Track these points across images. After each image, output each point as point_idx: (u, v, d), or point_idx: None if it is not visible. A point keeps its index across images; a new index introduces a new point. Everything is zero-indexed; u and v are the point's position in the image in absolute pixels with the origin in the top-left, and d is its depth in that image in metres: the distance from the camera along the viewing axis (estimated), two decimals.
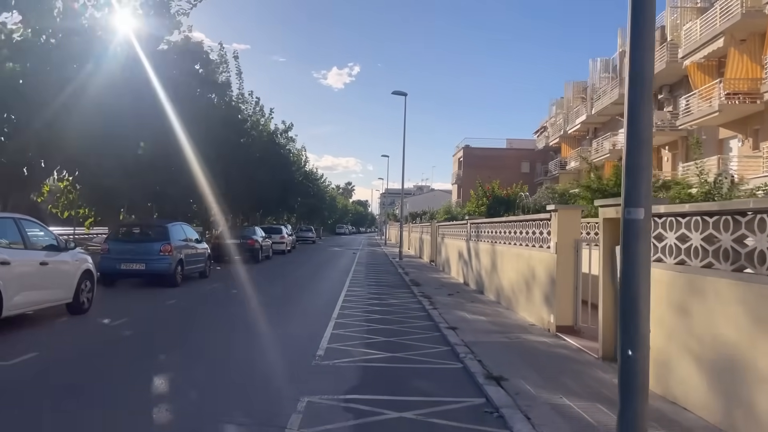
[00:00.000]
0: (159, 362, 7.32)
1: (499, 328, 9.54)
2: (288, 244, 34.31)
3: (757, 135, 24.06)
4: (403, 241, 33.76)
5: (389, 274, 20.96)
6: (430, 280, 17.87)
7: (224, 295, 14.38)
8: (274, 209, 41.91)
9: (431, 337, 8.97)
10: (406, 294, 14.66)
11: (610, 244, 7.09)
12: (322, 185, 64.76)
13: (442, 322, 10.12)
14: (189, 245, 16.71)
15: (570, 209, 9.07)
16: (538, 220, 10.05)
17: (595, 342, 7.98)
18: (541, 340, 8.51)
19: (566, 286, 8.85)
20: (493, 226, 13.63)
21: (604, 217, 7.10)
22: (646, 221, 3.77)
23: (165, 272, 15.07)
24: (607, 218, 7.07)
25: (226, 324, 10.13)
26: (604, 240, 7.14)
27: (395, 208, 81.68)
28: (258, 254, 25.31)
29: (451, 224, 21.22)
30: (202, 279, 17.53)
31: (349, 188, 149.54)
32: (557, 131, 49.64)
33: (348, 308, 11.85)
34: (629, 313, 3.77)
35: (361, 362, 7.24)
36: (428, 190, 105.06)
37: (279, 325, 9.95)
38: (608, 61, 40.43)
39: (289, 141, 38.43)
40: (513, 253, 11.58)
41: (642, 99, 3.77)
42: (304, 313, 11.65)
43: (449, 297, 13.69)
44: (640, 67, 3.82)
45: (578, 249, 8.80)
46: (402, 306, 12.41)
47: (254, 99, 30.27)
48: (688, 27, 27.02)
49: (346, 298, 13.39)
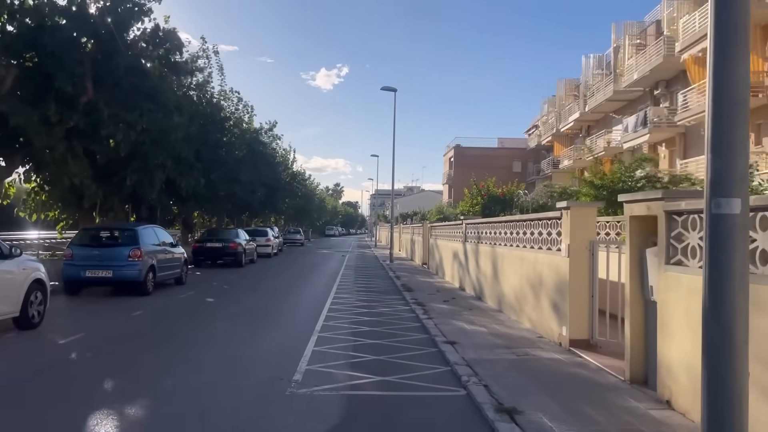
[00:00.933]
0: (99, 392, 6.10)
1: (503, 342, 8.42)
2: (274, 247, 33.06)
3: (759, 130, 23.19)
4: (394, 243, 32.64)
5: (379, 278, 19.81)
6: (423, 285, 16.73)
7: (198, 304, 13.15)
8: (261, 211, 40.60)
9: (427, 355, 7.83)
10: (397, 301, 13.52)
11: (639, 245, 6.00)
12: (310, 186, 63.45)
13: (439, 334, 8.99)
14: (162, 250, 15.47)
15: (584, 206, 7.97)
16: (545, 220, 8.95)
17: (618, 360, 6.89)
18: (554, 357, 7.40)
19: (580, 295, 7.76)
20: (493, 227, 12.52)
21: (632, 214, 6.00)
22: (743, 217, 2.66)
23: (134, 279, 13.82)
24: (636, 216, 5.97)
25: (193, 340, 8.94)
26: (631, 241, 6.04)
27: (385, 209, 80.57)
28: (241, 258, 24.05)
29: (445, 225, 20.11)
30: (178, 286, 16.29)
31: (339, 189, 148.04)
32: (549, 129, 48.87)
33: (333, 319, 10.68)
34: (718, 350, 2.64)
35: (346, 389, 6.08)
36: (419, 191, 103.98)
37: (254, 341, 8.78)
38: (602, 58, 39.67)
39: (274, 139, 37.14)
40: (516, 256, 10.48)
41: (734, 42, 2.66)
42: (284, 325, 10.46)
43: (445, 304, 12.56)
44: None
45: (594, 252, 7.71)
46: (393, 315, 11.26)
47: (237, 95, 28.92)
48: (686, 20, 26.18)
49: (332, 307, 12.22)
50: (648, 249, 5.82)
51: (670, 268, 5.25)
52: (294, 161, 48.54)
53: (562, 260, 8.05)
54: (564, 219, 7.97)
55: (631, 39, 33.59)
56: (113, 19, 14.48)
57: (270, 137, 36.31)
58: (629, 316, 6.05)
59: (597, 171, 14.39)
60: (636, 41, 33.25)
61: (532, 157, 57.17)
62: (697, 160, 25.75)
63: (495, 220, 12.47)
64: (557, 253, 8.32)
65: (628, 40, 33.61)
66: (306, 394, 5.88)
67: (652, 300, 5.76)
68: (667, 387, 5.29)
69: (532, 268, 9.45)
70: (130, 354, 7.82)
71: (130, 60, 15.09)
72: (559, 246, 8.28)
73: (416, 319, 10.77)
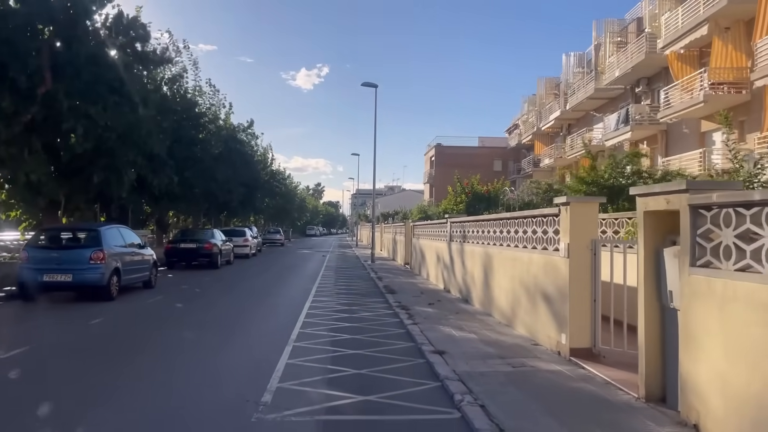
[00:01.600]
0: (26, 423, 5.22)
1: (496, 351, 7.69)
2: (252, 247, 32.03)
3: (743, 127, 22.92)
4: (376, 243, 31.85)
5: (361, 279, 19.00)
6: (407, 287, 15.97)
7: (166, 310, 12.21)
8: (239, 210, 39.51)
9: (414, 367, 7.06)
10: (380, 304, 12.74)
11: (654, 245, 5.30)
12: (290, 185, 62.36)
13: (426, 342, 8.23)
14: (128, 251, 14.47)
15: (586, 202, 7.25)
16: (540, 217, 8.24)
17: (626, 372, 6.22)
18: (555, 369, 6.68)
19: (582, 299, 7.06)
20: (480, 225, 11.80)
21: (646, 209, 5.30)
22: None
23: (96, 284, 12.83)
24: (651, 211, 5.28)
25: (153, 352, 8.05)
26: (646, 240, 5.34)
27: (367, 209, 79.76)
28: (217, 259, 23.02)
29: (428, 224, 19.37)
30: (147, 290, 15.30)
31: (320, 189, 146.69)
32: (530, 128, 48.67)
33: (311, 325, 9.86)
34: None
35: (322, 413, 5.28)
36: (400, 190, 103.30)
37: (221, 354, 7.91)
38: (582, 56, 39.48)
39: (252, 137, 36.09)
40: (507, 257, 9.76)
41: None
42: (257, 333, 9.60)
43: (430, 308, 11.82)
44: None
45: (596, 252, 7.01)
46: (376, 321, 10.47)
47: (213, 89, 27.86)
48: (667, 17, 25.90)
49: (310, 312, 11.39)
50: (666, 249, 5.13)
51: (696, 271, 4.56)
52: (273, 160, 47.54)
53: (560, 261, 7.35)
54: (563, 216, 7.26)
55: (612, 37, 33.34)
56: (73, 3, 13.47)
57: (248, 135, 35.30)
58: (643, 324, 5.36)
59: (591, 166, 13.75)
60: (617, 39, 33.02)
61: (512, 156, 57.02)
62: (680, 157, 25.45)
63: (483, 218, 11.75)
64: (554, 254, 7.61)
65: (609, 38, 33.36)
66: (275, 420, 5.06)
67: (671, 307, 5.07)
68: (693, 409, 4.59)
69: (526, 269, 8.74)
70: (76, 371, 6.89)
71: (92, 48, 14.10)
72: (556, 245, 7.58)
73: (400, 324, 10.01)
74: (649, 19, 28.48)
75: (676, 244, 5.11)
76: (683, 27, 23.82)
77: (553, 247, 7.75)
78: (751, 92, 21.55)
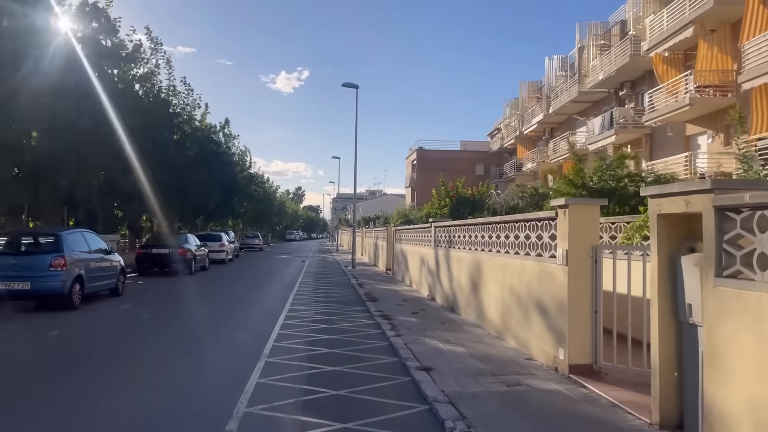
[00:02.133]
0: None
1: (488, 367, 7.05)
2: (229, 252, 31.06)
3: (728, 130, 22.75)
4: (357, 248, 31.13)
5: (341, 286, 18.28)
6: (389, 294, 15.30)
7: (131, 320, 11.38)
8: (216, 214, 38.50)
9: (399, 387, 6.39)
10: (361, 313, 12.05)
11: (669, 252, 4.72)
12: (269, 189, 61.34)
13: (410, 357, 7.58)
14: (93, 257, 13.59)
15: (586, 204, 6.66)
16: (535, 221, 7.64)
17: (633, 392, 5.64)
18: (554, 389, 6.06)
19: (582, 310, 6.46)
20: (468, 230, 11.18)
21: (660, 212, 4.72)
22: None
23: (57, 292, 11.96)
24: (665, 214, 4.69)
25: (109, 371, 7.24)
26: (659, 246, 4.75)
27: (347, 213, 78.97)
28: (191, 265, 22.10)
29: (412, 228, 18.74)
30: (113, 298, 14.42)
31: (300, 193, 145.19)
32: (512, 132, 48.51)
33: (287, 338, 9.14)
34: None
35: None
36: (381, 195, 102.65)
37: (185, 371, 7.16)
38: (565, 59, 39.40)
39: (229, 139, 35.15)
40: (497, 264, 9.15)
41: None
42: (227, 347, 8.83)
43: (414, 317, 11.17)
44: None
45: (597, 259, 6.43)
46: (356, 332, 9.78)
47: (187, 89, 26.94)
48: (652, 19, 25.76)
49: (285, 323, 10.66)
50: (683, 257, 4.55)
51: (723, 282, 3.97)
52: (252, 163, 46.59)
53: (557, 269, 6.75)
54: (560, 220, 6.66)
55: (595, 39, 33.22)
56: None
57: (225, 136, 34.37)
58: (657, 341, 4.76)
59: (578, 169, 13.27)
60: (600, 42, 32.90)
61: (494, 160, 56.85)
62: (665, 161, 25.25)
63: (471, 223, 11.13)
64: (550, 261, 7.01)
65: (593, 41, 33.22)
66: None
67: (690, 323, 4.49)
68: None
69: (518, 277, 8.14)
70: (15, 395, 6.09)
71: None
72: (552, 252, 6.98)
73: (383, 336, 9.34)
74: (633, 22, 28.34)
75: (694, 251, 4.53)
76: (668, 29, 23.64)
77: (548, 253, 7.15)
78: (738, 95, 21.39)
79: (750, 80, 18.69)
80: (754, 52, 18.68)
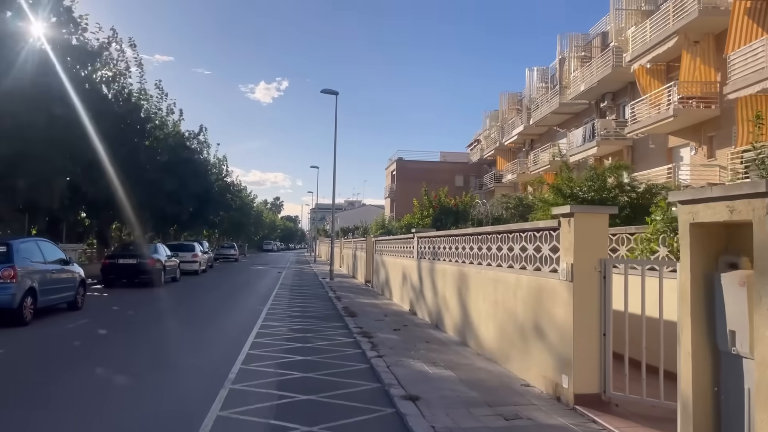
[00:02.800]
0: None
1: (481, 396, 6.26)
2: (202, 263, 29.89)
3: (711, 142, 22.55)
4: (335, 259, 30.23)
5: (318, 299, 17.38)
6: (368, 308, 14.46)
7: (85, 339, 10.33)
8: (190, 224, 37.22)
9: (383, 421, 5.56)
10: (338, 330, 11.19)
11: (704, 268, 4.01)
12: (246, 198, 60.06)
13: (394, 383, 6.76)
14: (49, 269, 12.56)
15: (593, 213, 5.93)
16: (532, 231, 6.91)
17: (649, 428, 4.90)
18: (560, 424, 5.29)
19: (589, 332, 5.73)
20: (454, 241, 10.42)
21: (694, 221, 4.01)
22: None
23: (6, 306, 10.95)
24: (699, 223, 3.99)
25: (44, 402, 6.25)
26: (692, 262, 4.04)
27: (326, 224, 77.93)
28: (159, 276, 20.95)
29: (393, 239, 17.95)
30: (71, 312, 13.36)
31: (278, 203, 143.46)
32: (492, 143, 48.30)
33: (256, 359, 8.25)
34: None
35: None
36: (360, 205, 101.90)
37: (134, 401, 6.23)
38: (545, 71, 39.33)
39: (203, 146, 34.04)
40: (488, 278, 8.40)
41: None
42: (188, 371, 7.90)
43: (396, 335, 10.35)
44: None
45: (607, 274, 5.71)
46: (334, 352, 8.93)
47: (160, 93, 25.87)
48: (634, 30, 25.61)
49: (256, 341, 9.75)
50: (724, 274, 3.84)
51: None
52: (229, 171, 45.42)
53: (560, 285, 6.02)
54: (564, 230, 5.94)
55: (576, 51, 33.13)
56: None
57: (199, 143, 33.27)
58: (690, 374, 4.03)
59: (565, 177, 12.67)
60: (581, 53, 32.81)
61: (474, 172, 56.58)
62: (648, 173, 24.97)
63: (458, 233, 10.38)
64: (551, 276, 6.28)
65: (574, 52, 33.13)
66: None
67: (733, 353, 3.78)
68: None
69: (512, 293, 7.40)
70: None
71: None
72: (554, 265, 6.25)
73: (363, 357, 8.51)
74: (615, 33, 28.20)
75: (736, 267, 3.83)
76: (651, 40, 23.45)
77: (549, 267, 6.42)
78: (721, 107, 21.19)
79: (736, 91, 18.42)
80: (740, 62, 18.43)
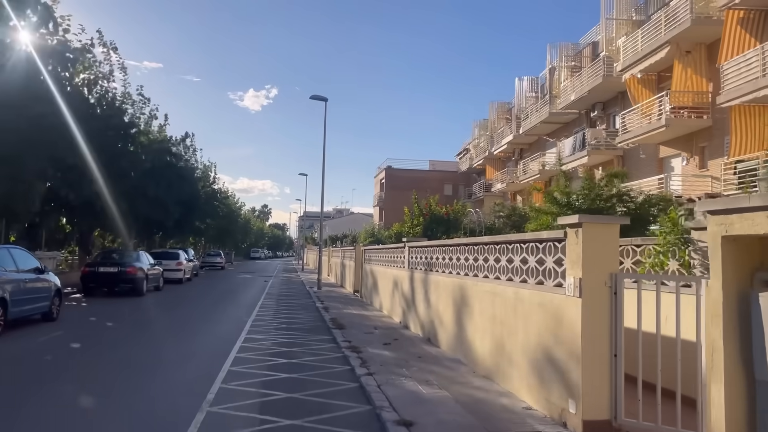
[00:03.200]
0: None
1: (480, 422, 5.79)
2: (186, 271, 29.20)
3: (703, 153, 22.40)
4: (323, 268, 29.68)
5: (305, 310, 16.82)
6: (357, 320, 13.95)
7: (56, 353, 9.72)
8: (175, 231, 36.46)
9: None
10: (326, 344, 10.67)
11: (738, 285, 3.60)
12: (233, 205, 59.29)
13: (386, 405, 6.27)
14: (22, 278, 11.92)
15: (603, 223, 5.51)
16: (534, 242, 6.48)
17: None
18: None
19: (598, 353, 5.29)
20: (448, 251, 9.98)
21: (727, 233, 3.60)
22: None
23: None
24: (732, 236, 3.58)
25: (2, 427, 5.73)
26: (725, 279, 3.63)
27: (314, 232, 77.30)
28: (141, 285, 20.26)
29: (383, 248, 17.48)
30: (45, 323, 12.72)
31: (266, 211, 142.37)
32: (481, 153, 48.19)
33: (238, 377, 7.71)
34: None
35: None
36: (348, 213, 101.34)
37: (100, 427, 5.69)
38: (535, 80, 39.32)
39: (189, 152, 33.39)
40: (485, 291, 7.95)
41: None
42: (163, 389, 7.33)
43: (386, 349, 9.86)
44: None
45: (618, 290, 5.29)
46: (321, 369, 8.41)
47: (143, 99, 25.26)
48: (625, 40, 25.52)
49: (239, 356, 9.21)
50: (763, 293, 3.43)
51: None
52: (216, 178, 44.73)
53: (566, 301, 5.59)
54: (571, 241, 5.52)
55: (566, 60, 33.08)
56: None
57: (185, 149, 32.63)
58: (723, 403, 3.61)
59: (562, 185, 12.30)
60: (571, 63, 32.75)
61: (463, 181, 56.44)
62: (639, 183, 24.78)
63: (451, 243, 9.94)
64: (556, 291, 5.85)
65: (564, 62, 33.07)
66: None
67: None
68: None
69: (512, 308, 6.95)
70: None
71: None
72: (559, 279, 5.82)
73: (351, 374, 8.01)
74: (605, 43, 28.10)
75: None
76: (643, 50, 23.32)
77: (553, 281, 5.98)
78: (713, 117, 21.06)
79: (729, 101, 18.25)
80: (733, 72, 18.28)
